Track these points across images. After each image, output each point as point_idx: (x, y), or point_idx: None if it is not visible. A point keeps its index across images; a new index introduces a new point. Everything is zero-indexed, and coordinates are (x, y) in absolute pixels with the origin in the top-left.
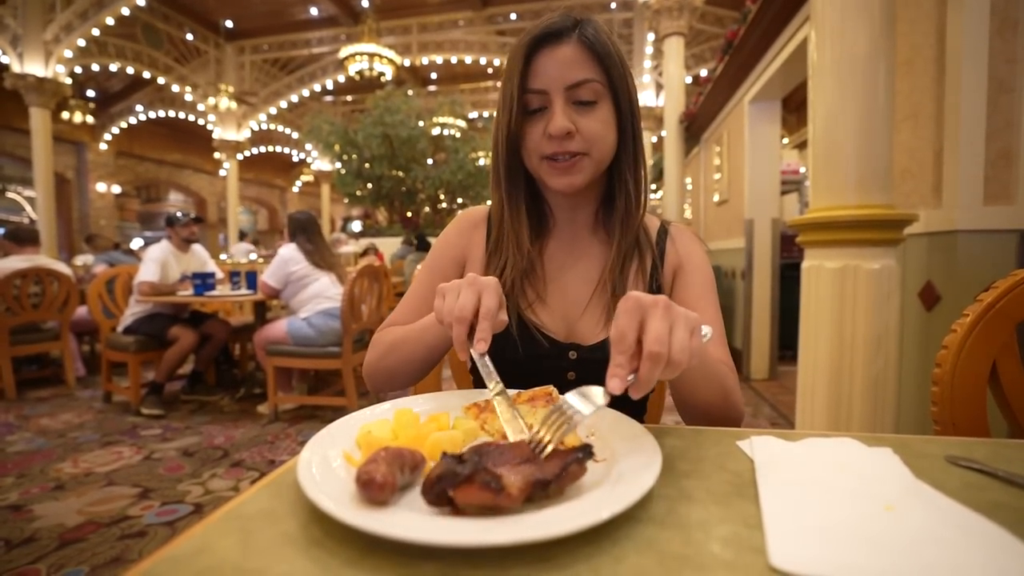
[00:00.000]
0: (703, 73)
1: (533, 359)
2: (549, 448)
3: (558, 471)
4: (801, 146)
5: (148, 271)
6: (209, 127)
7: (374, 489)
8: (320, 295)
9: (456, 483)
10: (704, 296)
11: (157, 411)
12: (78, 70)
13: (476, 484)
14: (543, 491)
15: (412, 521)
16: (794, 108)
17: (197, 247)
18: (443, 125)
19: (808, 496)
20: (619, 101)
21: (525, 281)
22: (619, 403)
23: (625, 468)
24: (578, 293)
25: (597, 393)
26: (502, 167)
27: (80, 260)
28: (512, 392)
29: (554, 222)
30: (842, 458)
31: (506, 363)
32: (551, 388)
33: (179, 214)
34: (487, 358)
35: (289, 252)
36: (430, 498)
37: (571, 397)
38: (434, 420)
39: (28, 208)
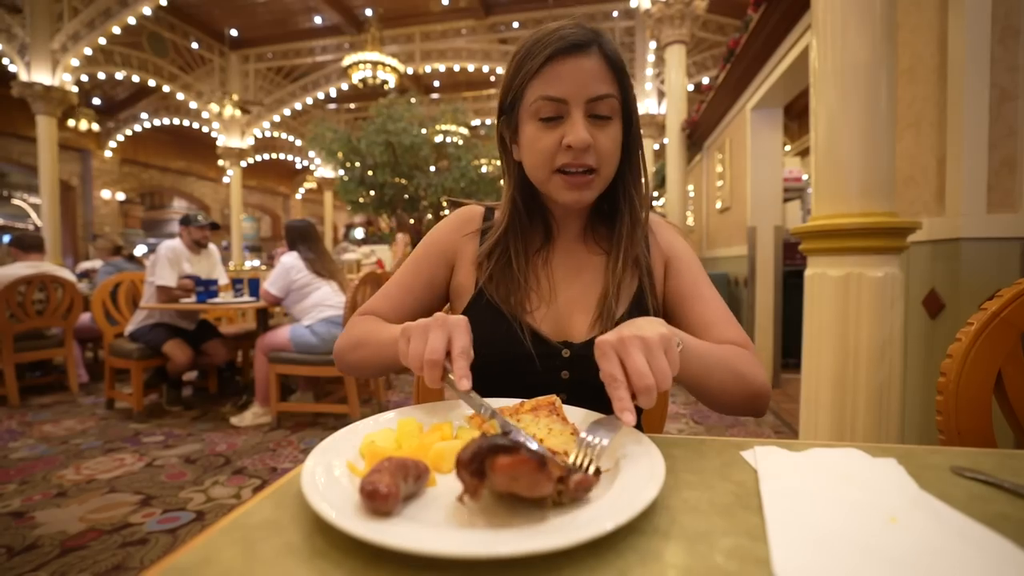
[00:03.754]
0: (705, 81)
1: (526, 358)
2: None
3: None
4: (803, 153)
5: (165, 276)
6: (213, 134)
7: (378, 499)
8: (322, 303)
9: (501, 453)
10: (698, 281)
11: (178, 407)
12: (84, 78)
13: (522, 456)
14: (562, 485)
15: (416, 532)
16: (796, 115)
17: (212, 248)
18: (446, 133)
19: (812, 507)
20: (629, 119)
21: (521, 285)
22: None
23: (629, 479)
24: (573, 298)
25: (612, 424)
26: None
27: (87, 265)
28: (515, 402)
29: (556, 229)
30: (846, 469)
31: (500, 364)
32: (554, 397)
33: (199, 216)
34: (473, 392)
35: (291, 260)
36: (470, 468)
37: (591, 428)
38: (437, 430)
39: (33, 215)
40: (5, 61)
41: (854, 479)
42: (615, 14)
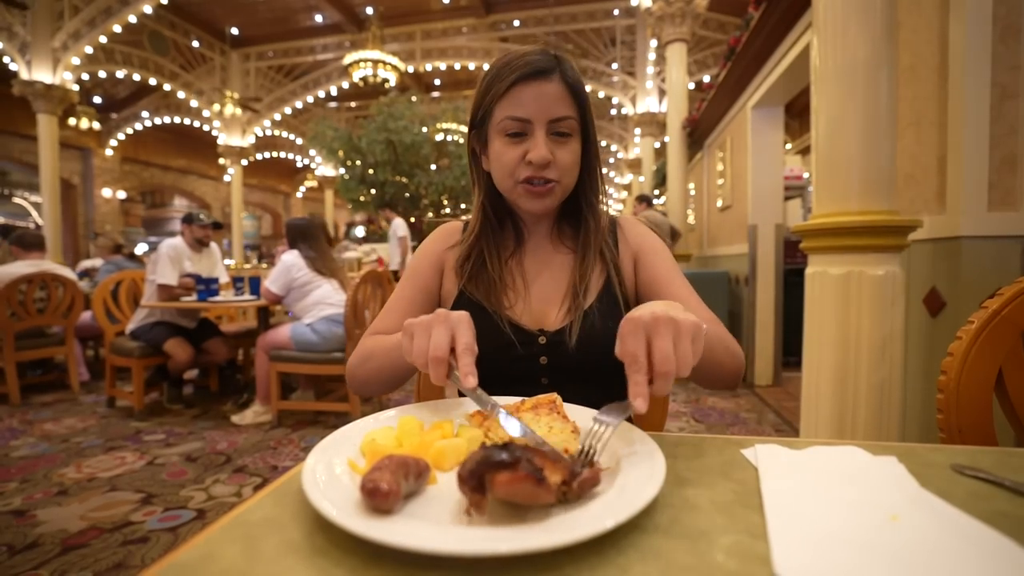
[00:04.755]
0: (706, 79)
1: (507, 347)
2: (597, 457)
3: (579, 469)
4: (804, 152)
5: (166, 274)
6: (214, 133)
7: (379, 497)
8: (323, 301)
9: (499, 468)
10: (669, 272)
11: (178, 405)
12: (85, 77)
13: (520, 473)
14: (566, 487)
15: (417, 530)
16: (797, 114)
17: (213, 246)
18: (446, 131)
19: (813, 506)
20: (587, 137)
21: (497, 283)
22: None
23: (629, 477)
24: (545, 292)
25: (622, 407)
26: (484, 182)
27: (87, 264)
28: (515, 400)
29: (526, 232)
30: (847, 467)
31: (483, 353)
32: (554, 395)
33: (202, 215)
34: (480, 389)
35: (291, 259)
36: (470, 483)
37: (603, 412)
38: (438, 428)
39: (34, 213)
40: (6, 59)
41: (855, 477)
42: (616, 12)
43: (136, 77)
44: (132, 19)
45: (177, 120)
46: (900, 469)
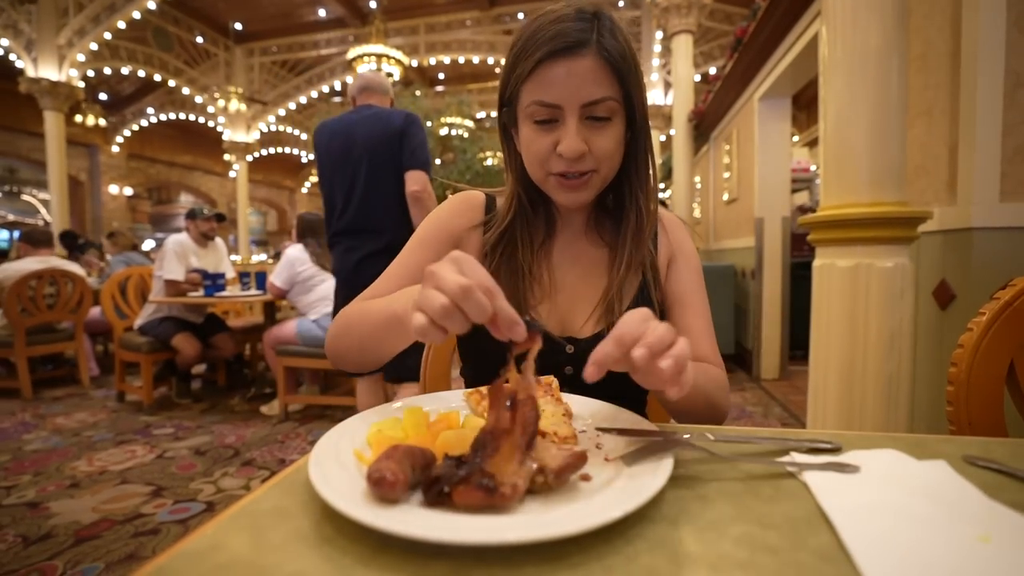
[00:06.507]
0: (712, 71)
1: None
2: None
3: (551, 461)
4: (812, 144)
5: (172, 270)
6: (219, 129)
7: (385, 487)
8: (328, 297)
9: (453, 484)
10: (695, 286)
11: (187, 399)
12: (90, 74)
13: (472, 485)
14: (541, 477)
15: (423, 519)
16: (805, 105)
17: (218, 241)
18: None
19: (892, 525)
20: (633, 116)
21: (525, 276)
22: (620, 398)
23: (637, 467)
24: (575, 292)
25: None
26: (517, 167)
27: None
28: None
29: (560, 222)
30: (903, 476)
31: (501, 360)
32: (551, 378)
33: (204, 209)
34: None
35: (296, 253)
36: (429, 498)
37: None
38: (444, 419)
39: (43, 210)
40: (12, 57)
41: (925, 490)
42: (621, 3)
43: (141, 73)
44: (136, 15)
45: (182, 116)
46: (958, 476)
